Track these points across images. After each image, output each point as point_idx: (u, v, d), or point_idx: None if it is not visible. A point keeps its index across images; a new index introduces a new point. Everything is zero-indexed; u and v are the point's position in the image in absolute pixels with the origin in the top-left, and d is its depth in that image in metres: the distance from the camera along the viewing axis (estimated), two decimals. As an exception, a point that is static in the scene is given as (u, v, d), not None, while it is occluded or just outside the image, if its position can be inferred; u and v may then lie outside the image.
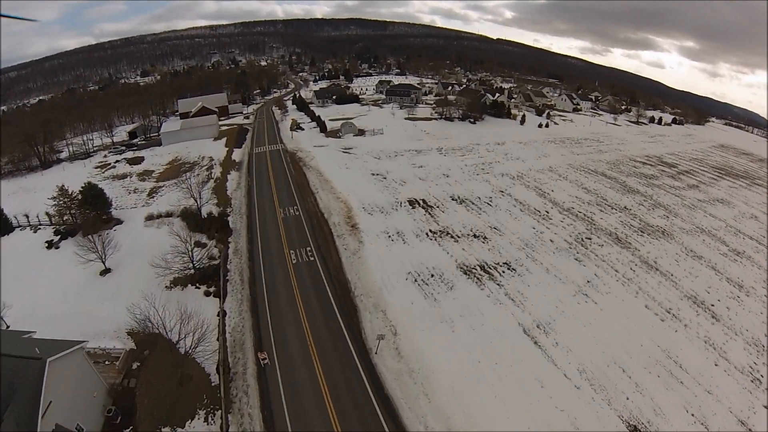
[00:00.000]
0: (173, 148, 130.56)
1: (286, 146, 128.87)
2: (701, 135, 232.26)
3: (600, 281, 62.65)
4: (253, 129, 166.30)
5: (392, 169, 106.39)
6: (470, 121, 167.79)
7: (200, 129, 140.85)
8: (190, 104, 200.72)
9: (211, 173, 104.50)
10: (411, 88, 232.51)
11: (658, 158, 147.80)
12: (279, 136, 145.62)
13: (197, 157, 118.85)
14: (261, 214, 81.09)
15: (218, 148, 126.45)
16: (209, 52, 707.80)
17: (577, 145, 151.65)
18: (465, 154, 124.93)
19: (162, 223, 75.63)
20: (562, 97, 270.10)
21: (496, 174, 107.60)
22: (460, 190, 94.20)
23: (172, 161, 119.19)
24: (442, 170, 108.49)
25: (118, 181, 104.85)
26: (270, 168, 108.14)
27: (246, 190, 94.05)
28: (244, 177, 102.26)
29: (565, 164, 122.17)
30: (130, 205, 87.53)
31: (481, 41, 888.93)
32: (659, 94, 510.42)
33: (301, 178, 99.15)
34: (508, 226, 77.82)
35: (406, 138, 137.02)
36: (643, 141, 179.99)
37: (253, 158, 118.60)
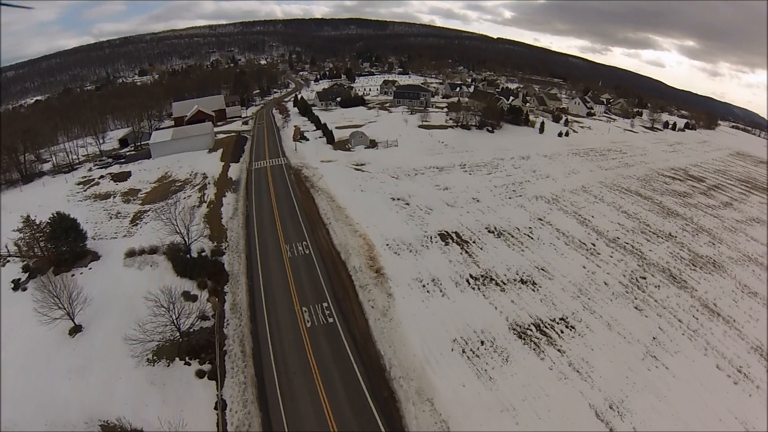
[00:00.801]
0: (163, 162, 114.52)
1: (290, 160, 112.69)
2: (716, 141, 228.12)
3: (666, 336, 53.24)
4: (253, 137, 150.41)
5: (414, 191, 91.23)
6: (488, 130, 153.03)
7: (193, 139, 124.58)
8: (186, 107, 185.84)
9: (203, 195, 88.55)
10: (420, 89, 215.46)
11: (684, 171, 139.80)
12: (281, 147, 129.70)
13: (189, 174, 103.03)
14: (263, 253, 65.34)
15: (213, 163, 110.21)
16: (208, 51, 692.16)
17: (602, 157, 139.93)
18: (491, 172, 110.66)
19: (144, 262, 61.72)
20: (575, 100, 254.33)
21: (530, 197, 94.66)
22: (495, 219, 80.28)
23: (160, 178, 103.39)
24: (471, 193, 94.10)
25: (100, 201, 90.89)
26: (272, 189, 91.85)
27: (244, 218, 78.12)
28: (242, 200, 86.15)
29: (596, 182, 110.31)
30: (110, 235, 73.40)
31: (481, 40, 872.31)
32: (660, 94, 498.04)
33: (309, 203, 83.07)
34: (556, 266, 65.49)
35: (424, 151, 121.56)
36: (664, 151, 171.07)
37: (252, 176, 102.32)
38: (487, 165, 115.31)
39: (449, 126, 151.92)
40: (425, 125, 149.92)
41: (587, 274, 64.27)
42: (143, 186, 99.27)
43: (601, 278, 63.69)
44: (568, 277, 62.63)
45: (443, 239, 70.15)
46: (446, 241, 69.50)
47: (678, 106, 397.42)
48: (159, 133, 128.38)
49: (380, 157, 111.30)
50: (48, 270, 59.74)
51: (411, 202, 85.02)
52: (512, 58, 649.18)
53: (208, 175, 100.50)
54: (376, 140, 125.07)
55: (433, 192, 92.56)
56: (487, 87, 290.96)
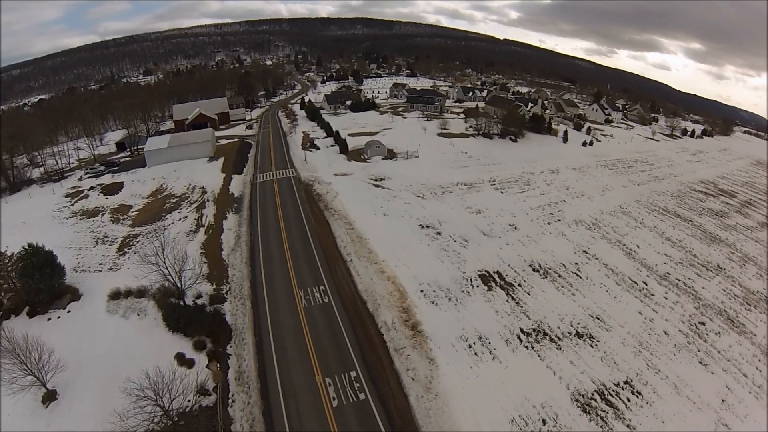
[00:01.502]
0: (159, 171, 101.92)
1: (299, 173, 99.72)
2: (735, 149, 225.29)
3: (734, 397, 46.89)
4: (257, 143, 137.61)
5: (444, 215, 78.92)
6: (511, 139, 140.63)
7: (192, 147, 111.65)
8: (187, 110, 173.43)
9: (201, 217, 76.11)
10: (435, 94, 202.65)
11: (713, 185, 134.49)
12: (289, 157, 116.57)
13: (186, 187, 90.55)
14: (272, 300, 52.90)
15: (213, 174, 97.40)
16: (213, 50, 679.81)
17: (631, 170, 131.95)
18: (523, 189, 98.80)
19: (131, 309, 50.99)
20: (593, 107, 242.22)
21: (569, 221, 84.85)
22: (537, 252, 69.92)
23: (154, 192, 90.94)
24: (506, 217, 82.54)
25: (86, 220, 79.15)
26: (280, 210, 78.96)
27: (248, 249, 65.43)
28: (245, 225, 73.47)
29: (632, 201, 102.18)
30: (94, 266, 62.25)
31: (488, 42, 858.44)
32: (667, 97, 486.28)
33: (324, 230, 70.36)
34: (612, 313, 56.69)
35: (448, 163, 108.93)
36: (689, 161, 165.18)
37: (257, 191, 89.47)
38: (517, 181, 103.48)
39: (470, 134, 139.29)
40: (445, 133, 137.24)
41: (645, 322, 55.95)
42: (135, 201, 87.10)
43: (660, 326, 55.84)
44: (626, 326, 54.02)
45: (485, 281, 59.25)
46: (489, 285, 58.67)
47: (687, 109, 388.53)
48: (155, 140, 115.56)
49: (401, 171, 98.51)
50: (22, 311, 51.05)
51: (443, 231, 73.03)
52: (519, 60, 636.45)
53: (207, 189, 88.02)
54: (394, 150, 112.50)
55: (466, 216, 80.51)
56: (500, 91, 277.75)
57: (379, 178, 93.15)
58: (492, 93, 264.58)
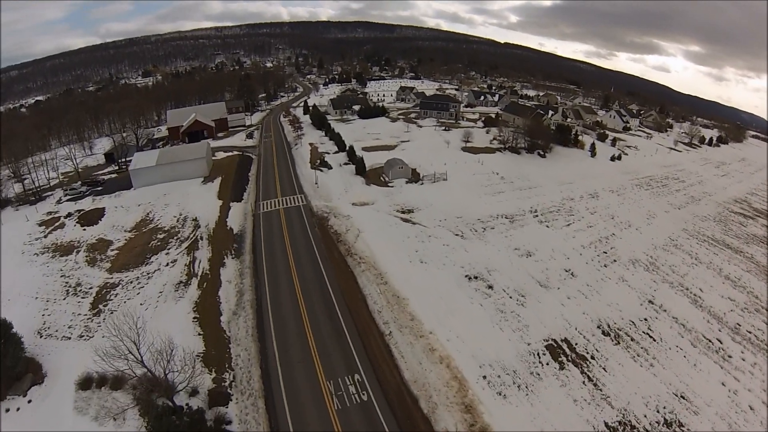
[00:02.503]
0: (145, 195, 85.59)
1: (310, 200, 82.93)
2: (751, 158, 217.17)
3: None
4: (259, 157, 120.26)
5: (492, 261, 63.33)
6: (539, 154, 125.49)
7: (184, 165, 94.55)
8: (182, 116, 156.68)
9: (193, 262, 60.10)
10: (450, 100, 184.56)
11: (747, 204, 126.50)
12: (296, 178, 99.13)
13: (176, 218, 74.31)
14: (292, 398, 37.76)
15: (208, 201, 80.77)
16: (213, 53, 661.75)
17: (665, 189, 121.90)
18: (569, 222, 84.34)
19: (105, 410, 36.50)
20: (611, 113, 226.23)
21: (625, 261, 72.59)
22: (602, 308, 57.65)
23: (139, 223, 74.66)
24: (560, 260, 68.52)
25: (59, 259, 65.25)
26: (290, 255, 62.14)
27: (254, 314, 49.21)
28: (248, 277, 56.85)
29: (679, 230, 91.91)
30: (62, 329, 50.17)
31: (489, 45, 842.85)
32: (669, 100, 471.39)
33: (350, 287, 53.90)
34: (695, 387, 46.47)
35: (480, 187, 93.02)
36: (715, 175, 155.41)
37: (261, 226, 72.64)
38: (560, 210, 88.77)
39: (496, 148, 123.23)
40: (469, 148, 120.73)
41: (730, 397, 46.92)
42: (116, 235, 71.15)
43: (746, 400, 47.01)
44: (712, 405, 44.93)
45: (554, 356, 46.91)
46: (559, 360, 46.48)
47: (692, 112, 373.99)
48: (142, 156, 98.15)
49: (430, 198, 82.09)
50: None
51: (494, 283, 57.72)
52: (522, 63, 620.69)
53: (200, 221, 71.75)
54: (417, 170, 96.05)
55: (516, 261, 65.03)
56: (511, 96, 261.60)
57: (407, 210, 76.84)
58: (503, 97, 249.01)
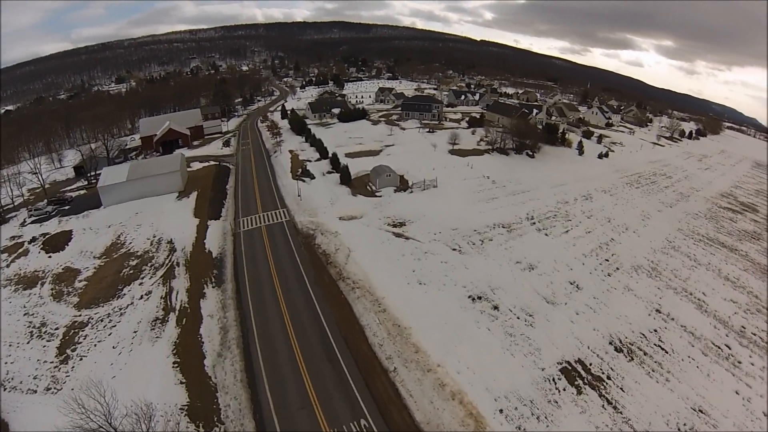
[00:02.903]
0: (116, 214, 78.62)
1: (293, 215, 76.75)
2: (732, 149, 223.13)
3: None
4: (237, 167, 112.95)
5: (495, 278, 58.29)
6: (528, 154, 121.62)
7: (157, 180, 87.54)
8: (155, 125, 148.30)
9: (170, 294, 53.84)
10: (432, 101, 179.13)
11: (734, 198, 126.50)
12: (277, 190, 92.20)
13: (150, 241, 67.75)
14: None
15: (183, 220, 74.20)
16: (188, 57, 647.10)
17: (655, 186, 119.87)
18: (567, 227, 79.80)
19: None
20: (593, 110, 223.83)
21: (627, 268, 69.02)
22: (612, 321, 54.17)
23: (109, 248, 67.69)
24: (563, 271, 63.98)
25: (21, 293, 58.04)
26: (277, 281, 55.99)
27: (242, 357, 43.08)
28: (232, 309, 50.58)
29: (675, 231, 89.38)
30: (27, 381, 43.13)
31: (465, 43, 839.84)
32: (644, 94, 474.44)
33: (345, 316, 48.13)
34: (711, 399, 44.31)
35: (473, 194, 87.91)
36: (699, 169, 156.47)
37: (242, 248, 66.14)
38: (556, 215, 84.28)
39: (484, 150, 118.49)
40: (457, 150, 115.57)
41: (745, 405, 45.09)
42: (84, 263, 64.14)
43: (759, 407, 45.37)
44: (729, 416, 42.99)
45: (570, 379, 43.28)
46: (575, 383, 42.91)
47: (669, 106, 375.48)
48: (111, 171, 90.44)
49: (422, 209, 76.64)
50: None
51: (500, 303, 52.90)
52: (499, 60, 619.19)
53: (176, 244, 65.40)
54: (405, 177, 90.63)
55: (519, 276, 60.10)
56: (492, 95, 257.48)
57: (399, 223, 71.19)
58: (483, 96, 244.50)
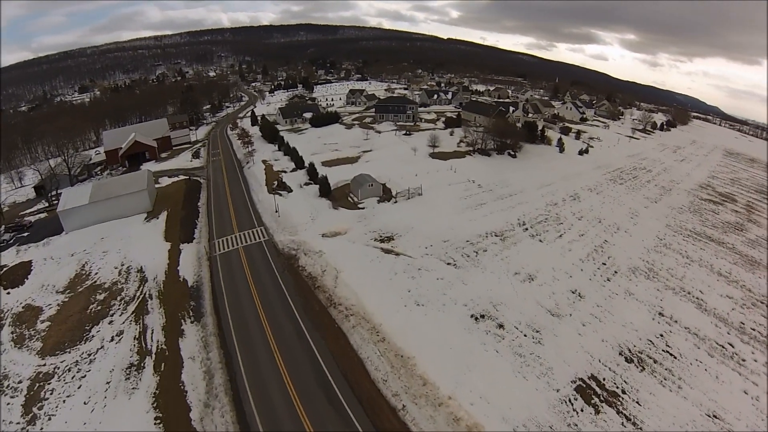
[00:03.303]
0: (79, 241, 71.64)
1: (272, 234, 71.01)
2: (702, 139, 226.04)
3: None
4: (208, 181, 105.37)
5: (495, 293, 54.58)
6: (510, 154, 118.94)
7: (123, 200, 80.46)
8: (120, 137, 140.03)
9: (144, 334, 47.83)
10: (407, 102, 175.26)
11: (712, 189, 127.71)
12: (252, 205, 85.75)
13: (118, 270, 61.29)
14: None
15: (154, 245, 67.71)
16: (154, 64, 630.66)
17: (636, 181, 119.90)
18: (560, 231, 77.13)
19: None
20: (567, 105, 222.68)
21: (625, 271, 67.12)
22: (618, 330, 51.98)
23: (74, 280, 60.77)
24: (563, 280, 61.15)
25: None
26: (262, 313, 50.25)
27: (232, 406, 37.56)
28: (215, 348, 44.83)
29: (665, 228, 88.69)
30: None
31: (433, 41, 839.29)
32: (610, 87, 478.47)
33: (342, 349, 43.10)
34: (723, 403, 42.76)
35: (460, 201, 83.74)
36: (675, 161, 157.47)
37: (220, 274, 60.10)
38: (547, 218, 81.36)
39: (465, 152, 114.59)
40: (438, 153, 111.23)
41: (754, 405, 43.45)
42: (47, 299, 56.78)
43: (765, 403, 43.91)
44: (742, 418, 41.41)
45: (586, 398, 40.51)
46: (591, 402, 40.21)
47: (636, 98, 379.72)
48: (72, 193, 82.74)
49: (409, 220, 71.97)
50: None
51: (504, 321, 49.49)
52: (467, 58, 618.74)
53: (147, 273, 59.30)
54: (388, 185, 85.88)
55: (519, 288, 56.52)
56: (464, 93, 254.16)
57: (386, 237, 66.27)
58: (456, 94, 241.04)
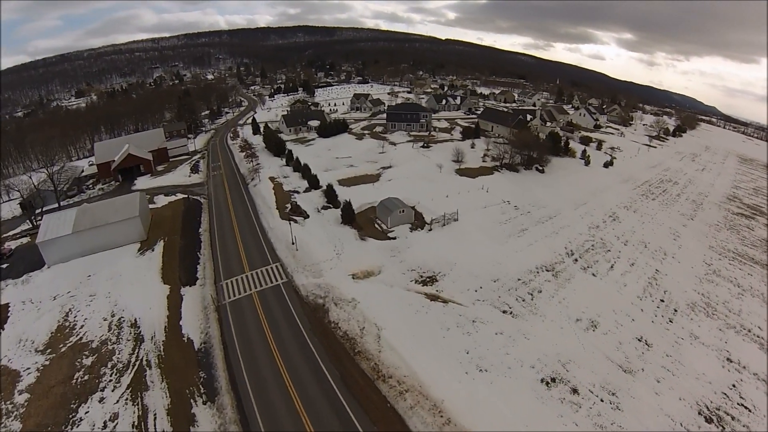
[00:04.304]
0: (62, 279, 60.51)
1: (290, 273, 59.47)
2: (713, 144, 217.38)
3: None
4: (209, 201, 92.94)
5: (561, 348, 46.58)
6: (537, 169, 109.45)
7: (111, 229, 68.65)
8: (112, 149, 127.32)
9: (144, 422, 36.99)
10: (418, 109, 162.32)
11: (740, 201, 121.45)
12: (263, 234, 72.93)
13: (107, 323, 50.24)
14: None
15: (149, 288, 56.26)
16: (150, 66, 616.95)
17: (666, 195, 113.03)
18: (611, 262, 68.40)
19: None
20: (580, 112, 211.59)
21: (684, 309, 59.40)
22: (694, 385, 44.58)
23: (56, 335, 49.36)
24: (626, 324, 53.10)
25: None
26: (291, 387, 39.07)
27: None
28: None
29: (707, 249, 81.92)
30: None
31: (431, 42, 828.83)
32: (608, 87, 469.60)
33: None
34: None
35: (499, 225, 74.26)
36: (696, 170, 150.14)
37: (232, 331, 48.68)
38: (594, 245, 73.02)
39: (491, 167, 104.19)
40: (464, 170, 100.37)
41: None
42: (25, 360, 45.66)
43: None
44: None
45: None
46: None
47: (639, 100, 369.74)
48: (54, 221, 70.13)
49: (448, 253, 61.35)
50: None
51: (577, 384, 41.55)
52: (466, 59, 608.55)
53: (143, 329, 48.23)
54: (417, 208, 74.96)
55: (585, 340, 48.78)
56: (471, 97, 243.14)
57: (428, 277, 55.62)
58: (464, 99, 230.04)
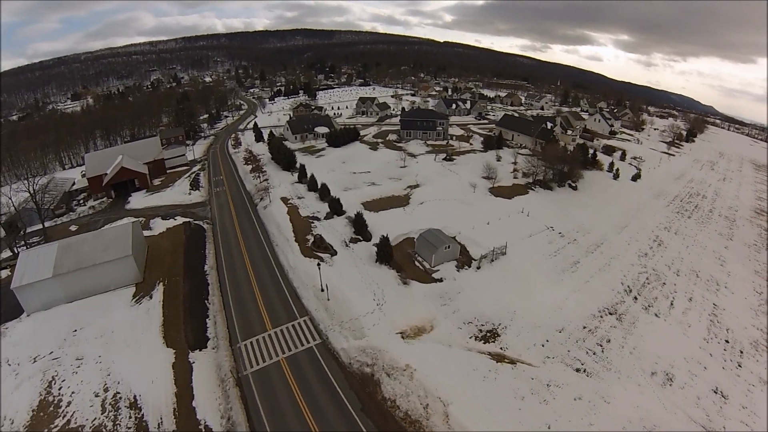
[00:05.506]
0: (43, 335, 50.34)
1: (325, 332, 48.67)
2: (725, 150, 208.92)
3: None
4: (214, 228, 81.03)
5: (645, 413, 39.72)
6: (570, 185, 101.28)
7: (99, 270, 56.76)
8: (104, 161, 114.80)
9: None
10: (435, 116, 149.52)
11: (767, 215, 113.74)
12: (283, 276, 60.84)
13: (100, 402, 40.54)
14: None
15: (150, 354, 46.05)
16: (148, 69, 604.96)
17: (699, 210, 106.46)
18: (670, 299, 61.89)
19: None
20: (595, 117, 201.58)
21: (748, 349, 53.32)
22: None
23: (38, 415, 39.14)
24: (701, 377, 46.76)
25: None
26: None
27: None
28: None
29: (754, 275, 75.47)
30: None
31: (429, 45, 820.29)
32: (607, 88, 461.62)
33: None
34: None
35: (549, 259, 66.31)
36: (718, 180, 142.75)
37: (261, 412, 38.42)
38: (649, 279, 66.85)
39: (525, 185, 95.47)
40: (498, 189, 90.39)
41: None
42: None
43: None
44: None
45: None
46: None
47: (641, 102, 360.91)
48: (31, 259, 58.19)
49: (505, 297, 52.64)
50: None
51: None
52: (466, 61, 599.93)
53: (147, 413, 38.62)
54: (458, 239, 65.00)
55: (665, 399, 43.07)
56: (479, 100, 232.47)
57: (488, 332, 46.40)
58: (474, 104, 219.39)
